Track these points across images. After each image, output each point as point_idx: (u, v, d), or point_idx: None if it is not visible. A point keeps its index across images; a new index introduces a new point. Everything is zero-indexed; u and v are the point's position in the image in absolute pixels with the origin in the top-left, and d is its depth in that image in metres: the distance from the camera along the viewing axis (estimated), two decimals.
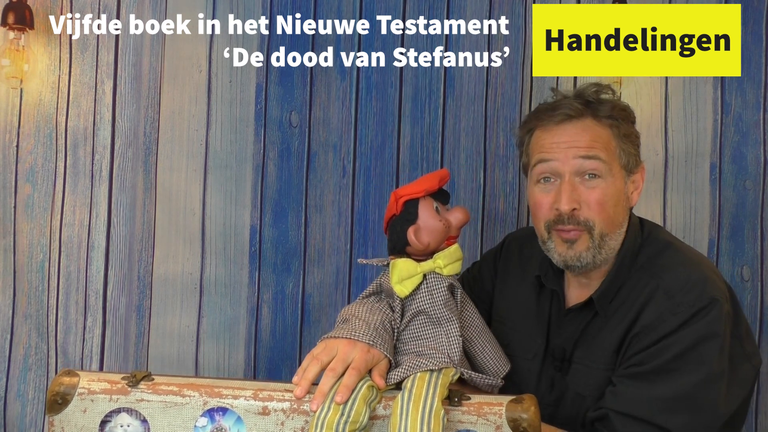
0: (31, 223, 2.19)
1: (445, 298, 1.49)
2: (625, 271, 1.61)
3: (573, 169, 1.57)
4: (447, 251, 1.52)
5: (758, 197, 2.26)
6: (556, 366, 1.67)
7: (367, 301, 1.55)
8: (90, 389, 1.39)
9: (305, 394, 1.37)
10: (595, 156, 1.57)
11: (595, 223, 1.56)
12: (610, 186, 1.58)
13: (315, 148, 2.23)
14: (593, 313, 1.62)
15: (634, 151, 1.64)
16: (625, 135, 1.62)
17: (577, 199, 1.56)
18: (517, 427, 1.34)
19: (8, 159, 2.19)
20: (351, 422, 1.32)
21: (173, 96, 2.21)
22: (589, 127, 1.60)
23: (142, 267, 2.21)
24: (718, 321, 1.48)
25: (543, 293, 1.74)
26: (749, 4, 2.25)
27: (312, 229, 2.24)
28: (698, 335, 1.47)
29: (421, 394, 1.33)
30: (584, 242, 1.57)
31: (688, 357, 1.47)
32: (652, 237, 1.66)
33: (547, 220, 1.61)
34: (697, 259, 1.63)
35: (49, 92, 2.19)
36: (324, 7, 2.22)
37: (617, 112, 1.63)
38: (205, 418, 1.37)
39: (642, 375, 1.49)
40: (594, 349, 1.59)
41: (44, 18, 2.17)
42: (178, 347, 2.21)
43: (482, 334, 1.57)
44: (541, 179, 1.62)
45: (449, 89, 2.25)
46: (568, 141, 1.59)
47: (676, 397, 1.46)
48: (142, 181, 2.20)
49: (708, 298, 1.49)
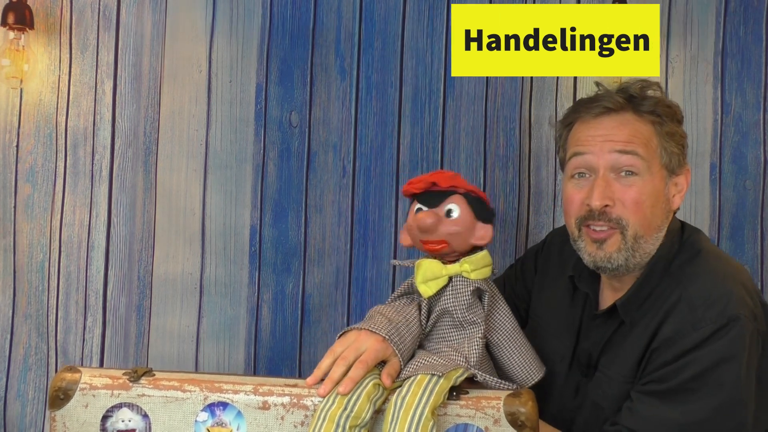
0: (31, 223, 2.19)
1: (470, 302, 1.48)
2: (656, 278, 1.55)
3: (608, 163, 1.52)
4: (474, 256, 1.51)
5: (758, 197, 2.26)
6: (582, 371, 1.63)
7: (397, 303, 1.54)
8: (91, 384, 1.39)
9: (316, 382, 1.38)
10: (632, 151, 1.52)
11: (629, 223, 1.51)
12: (648, 185, 1.52)
13: (315, 148, 2.23)
14: (620, 321, 1.56)
15: (678, 151, 1.57)
16: (669, 133, 1.57)
17: (611, 196, 1.51)
18: (515, 421, 1.34)
19: (8, 159, 2.19)
20: (353, 417, 1.32)
21: (173, 96, 2.21)
22: (629, 121, 1.55)
23: (142, 267, 2.20)
24: (739, 342, 1.42)
25: (577, 295, 1.70)
26: (749, 4, 2.25)
27: (312, 229, 2.24)
28: (718, 356, 1.41)
29: (413, 402, 1.33)
30: (615, 243, 1.52)
31: (707, 379, 1.41)
32: (688, 243, 1.59)
33: (578, 217, 1.56)
34: (727, 270, 1.54)
35: (49, 92, 2.19)
36: (324, 7, 2.22)
37: (661, 108, 1.58)
38: (205, 412, 1.38)
39: (659, 394, 1.44)
40: (616, 359, 1.55)
41: (44, 18, 2.17)
42: (178, 347, 2.21)
43: (512, 340, 1.54)
44: (575, 174, 1.58)
45: (449, 89, 2.25)
46: (604, 134, 1.54)
47: (691, 421, 1.42)
48: (142, 181, 2.20)
49: (730, 315, 1.42)
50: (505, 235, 2.26)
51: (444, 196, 1.53)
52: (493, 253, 2.19)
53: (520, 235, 2.27)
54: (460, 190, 1.54)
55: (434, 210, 1.50)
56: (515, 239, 2.27)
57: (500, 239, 2.26)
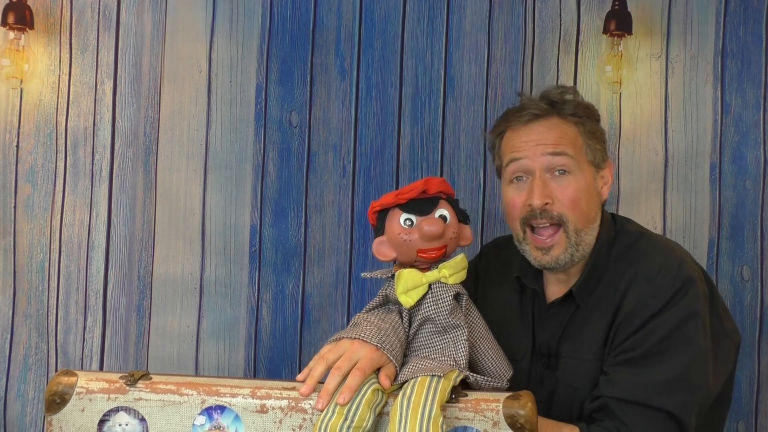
0: (31, 223, 2.19)
1: (451, 307, 1.47)
2: (602, 264, 1.65)
3: (543, 165, 1.61)
4: (453, 261, 1.49)
5: (758, 197, 2.26)
6: (543, 363, 1.69)
7: (377, 312, 1.54)
8: (88, 389, 1.39)
9: (311, 392, 1.36)
10: (562, 152, 1.61)
11: (569, 219, 1.60)
12: (581, 181, 1.62)
13: (315, 148, 2.24)
14: (575, 307, 1.65)
15: (600, 147, 1.68)
16: (591, 132, 1.67)
17: (549, 195, 1.60)
18: (515, 423, 1.34)
19: (8, 159, 2.19)
20: (354, 427, 1.31)
21: (173, 96, 2.21)
22: (555, 125, 1.65)
23: (142, 267, 2.21)
24: (697, 300, 1.54)
25: (524, 294, 1.78)
26: (749, 4, 2.25)
27: (312, 229, 2.24)
28: (681, 315, 1.53)
29: (420, 400, 1.32)
30: (561, 245, 1.61)
31: (675, 337, 1.52)
32: (624, 229, 1.70)
33: (521, 218, 1.63)
34: (670, 245, 1.71)
35: (49, 92, 2.20)
36: (324, 7, 2.22)
37: (581, 110, 1.68)
38: (203, 416, 1.37)
39: (633, 360, 1.53)
40: (581, 343, 1.63)
41: (44, 18, 2.18)
42: (178, 347, 2.21)
43: (485, 339, 1.55)
44: (513, 179, 1.66)
45: (449, 89, 2.26)
46: (536, 139, 1.63)
47: (670, 378, 1.50)
48: (142, 181, 2.20)
49: (685, 278, 1.55)
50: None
51: (433, 203, 1.49)
52: None
53: None
54: (443, 195, 1.52)
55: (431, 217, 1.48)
56: None
57: None
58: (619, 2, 2.19)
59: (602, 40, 2.25)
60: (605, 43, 2.24)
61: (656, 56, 2.26)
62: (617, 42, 2.21)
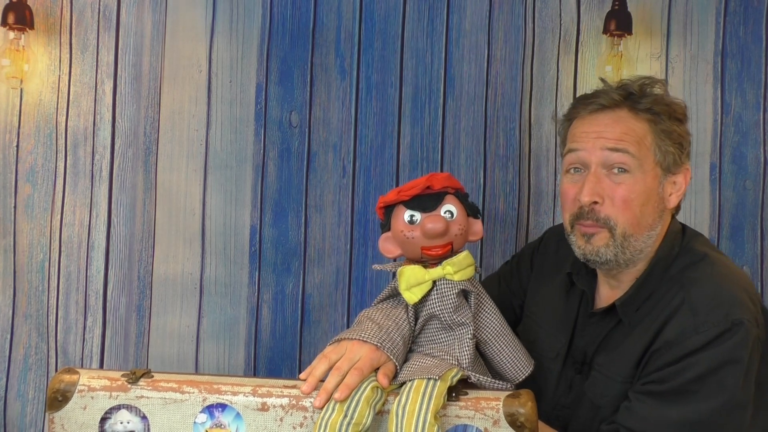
0: (31, 223, 2.19)
1: (456, 305, 1.47)
2: (655, 280, 1.54)
3: (600, 160, 1.52)
4: (456, 258, 1.48)
5: (758, 197, 2.26)
6: (576, 368, 1.63)
7: (383, 306, 1.53)
8: (90, 386, 1.39)
9: (312, 390, 1.37)
10: (623, 149, 1.51)
11: (618, 222, 1.51)
12: (639, 183, 1.52)
13: (315, 148, 2.23)
14: (618, 320, 1.57)
15: (674, 150, 1.56)
16: (665, 131, 1.55)
17: (601, 193, 1.51)
18: (515, 422, 1.34)
19: (8, 159, 2.19)
20: (354, 424, 1.32)
21: (173, 96, 2.21)
22: (622, 118, 1.55)
23: (142, 267, 2.21)
24: (742, 346, 1.41)
25: (573, 292, 1.70)
26: (749, 4, 2.25)
27: (312, 229, 2.24)
28: (721, 359, 1.41)
29: (415, 409, 1.32)
30: (603, 238, 1.52)
31: (708, 381, 1.41)
32: (689, 246, 1.58)
33: (570, 213, 1.56)
34: (731, 276, 1.54)
35: (49, 92, 2.19)
36: (324, 7, 2.22)
37: (660, 106, 1.56)
38: (204, 414, 1.38)
39: (659, 394, 1.44)
40: (615, 359, 1.54)
41: (44, 18, 2.17)
42: (178, 347, 2.21)
43: (500, 336, 1.53)
44: (570, 169, 1.58)
45: (449, 89, 2.25)
46: (597, 131, 1.54)
47: (692, 422, 1.41)
48: (142, 181, 2.20)
49: (734, 320, 1.42)
50: (505, 235, 2.27)
51: (438, 199, 1.49)
52: (493, 253, 2.21)
53: (519, 235, 2.27)
54: (451, 189, 1.52)
55: (435, 214, 1.48)
56: (515, 239, 2.27)
57: (500, 239, 2.27)
58: (619, 2, 2.19)
59: (602, 40, 2.25)
60: (605, 43, 2.24)
61: (656, 56, 2.26)
62: (617, 42, 2.20)
